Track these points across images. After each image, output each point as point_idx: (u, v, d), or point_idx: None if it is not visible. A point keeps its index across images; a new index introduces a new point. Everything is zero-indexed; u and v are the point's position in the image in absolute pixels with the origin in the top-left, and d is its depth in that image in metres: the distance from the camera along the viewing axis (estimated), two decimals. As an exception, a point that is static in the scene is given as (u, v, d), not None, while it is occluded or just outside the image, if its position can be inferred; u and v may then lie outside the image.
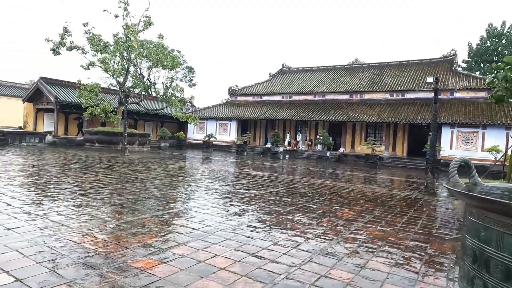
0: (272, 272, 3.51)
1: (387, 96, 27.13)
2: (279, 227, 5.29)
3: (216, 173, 12.37)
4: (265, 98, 33.43)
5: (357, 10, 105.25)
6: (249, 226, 5.27)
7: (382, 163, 22.84)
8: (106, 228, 4.69)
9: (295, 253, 4.13)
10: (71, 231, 4.46)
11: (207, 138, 27.83)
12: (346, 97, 29.02)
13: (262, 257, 3.93)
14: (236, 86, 36.34)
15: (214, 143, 28.55)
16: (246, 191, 8.60)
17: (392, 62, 31.40)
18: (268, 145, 28.31)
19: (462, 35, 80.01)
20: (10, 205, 5.68)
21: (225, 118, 31.74)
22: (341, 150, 26.29)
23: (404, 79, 27.95)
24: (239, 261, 3.77)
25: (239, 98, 35.38)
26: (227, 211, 6.21)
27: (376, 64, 32.28)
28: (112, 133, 22.74)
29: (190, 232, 4.75)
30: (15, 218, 4.93)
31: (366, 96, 28.08)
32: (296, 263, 3.80)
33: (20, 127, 28.86)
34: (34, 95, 26.79)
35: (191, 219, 5.46)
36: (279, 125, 31.63)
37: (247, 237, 4.68)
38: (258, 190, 8.94)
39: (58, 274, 3.16)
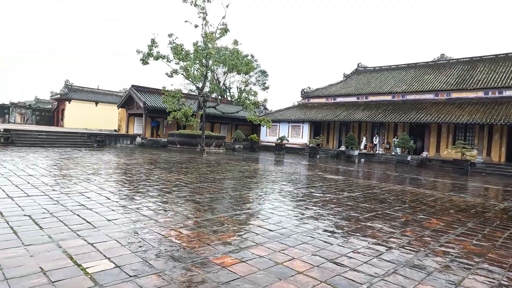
0: (353, 281, 3.35)
1: (480, 94, 24.15)
2: (358, 234, 5.04)
3: (290, 176, 12.36)
4: (339, 99, 32.45)
5: (439, 5, 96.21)
6: (326, 230, 5.12)
7: (474, 169, 20.39)
8: (188, 225, 4.99)
9: (377, 262, 3.89)
10: (159, 225, 4.84)
11: (279, 141, 28.03)
12: (430, 96, 26.63)
13: (341, 264, 3.78)
14: (309, 88, 35.97)
15: (286, 145, 28.62)
16: (321, 195, 8.41)
17: (486, 56, 27.90)
18: (342, 148, 27.39)
19: None
20: (109, 199, 6.41)
21: (297, 120, 31.62)
22: (424, 154, 24.19)
23: (502, 75, 24.61)
24: (318, 266, 3.67)
25: (311, 100, 34.95)
26: (302, 214, 6.14)
27: (467, 59, 29.01)
28: (191, 135, 24.30)
29: (267, 233, 4.79)
30: (113, 210, 5.54)
31: (455, 95, 25.38)
32: (379, 273, 3.57)
33: (115, 130, 32.59)
34: (127, 102, 30.04)
35: (267, 220, 5.52)
36: (354, 128, 30.40)
37: (325, 242, 4.55)
38: (333, 194, 8.67)
39: (149, 264, 3.44)
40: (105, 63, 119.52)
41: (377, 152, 27.13)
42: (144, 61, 23.01)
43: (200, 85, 25.56)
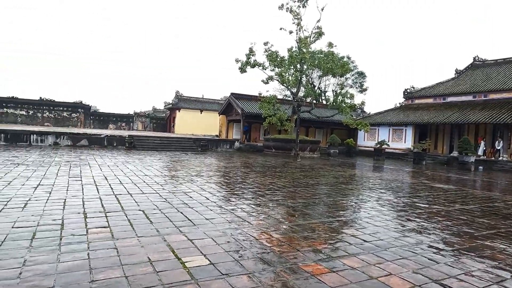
0: (464, 308, 2.88)
1: None
2: (472, 254, 4.33)
3: (389, 183, 11.44)
4: (450, 99, 28.83)
5: None
6: (431, 246, 4.55)
7: None
8: (280, 229, 5.02)
9: (497, 290, 3.27)
10: (251, 227, 4.99)
11: (378, 145, 26.29)
12: None
13: (449, 286, 3.29)
14: (413, 88, 32.91)
15: (386, 150, 26.67)
16: (426, 206, 7.54)
17: None
18: (455, 153, 24.20)
19: None
20: (208, 199, 6.90)
21: (399, 123, 29.20)
22: None
23: None
24: (419, 286, 3.27)
25: (416, 101, 31.89)
26: (402, 226, 5.59)
27: None
28: (286, 140, 24.61)
29: (361, 244, 4.50)
30: (211, 210, 5.93)
31: None
32: (500, 303, 2.99)
33: (216, 136, 35.18)
34: (226, 109, 32.16)
35: (361, 230, 5.19)
36: (469, 130, 26.60)
37: (429, 259, 4.04)
38: (441, 205, 7.69)
39: (241, 264, 3.56)
40: (210, 74, 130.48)
41: (500, 158, 23.15)
42: (242, 70, 24.29)
43: (294, 90, 25.78)
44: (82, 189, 7.12)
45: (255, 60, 24.24)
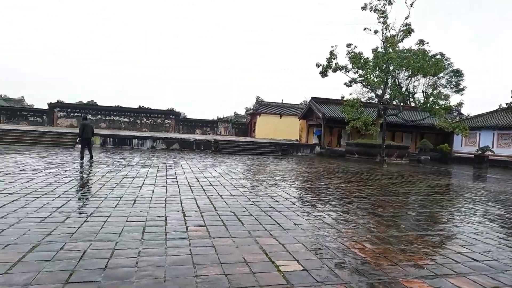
0: None
1: None
2: None
3: (497, 195, 10.02)
4: None
5: None
6: None
7: None
8: (372, 239, 4.77)
9: None
10: (342, 235, 4.84)
11: (480, 152, 23.26)
12: None
13: None
14: (525, 85, 28.36)
15: (490, 157, 23.45)
16: (550, 224, 6.40)
17: None
18: None
19: None
20: (294, 204, 6.92)
21: (507, 127, 25.46)
22: None
23: None
24: (553, 319, 2.78)
25: (529, 101, 27.42)
26: (521, 246, 4.83)
27: None
28: (370, 145, 23.39)
29: (470, 263, 4.01)
30: (298, 215, 5.93)
31: None
32: None
33: (296, 140, 35.17)
34: (307, 113, 31.96)
35: (469, 247, 4.63)
36: None
37: (563, 288, 3.41)
38: None
39: (335, 273, 3.47)
40: (289, 80, 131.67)
41: None
42: (323, 73, 23.88)
43: (379, 92, 24.39)
44: (179, 189, 7.77)
45: (337, 63, 23.62)
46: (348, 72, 23.80)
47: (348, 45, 23.33)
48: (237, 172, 11.83)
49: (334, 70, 23.72)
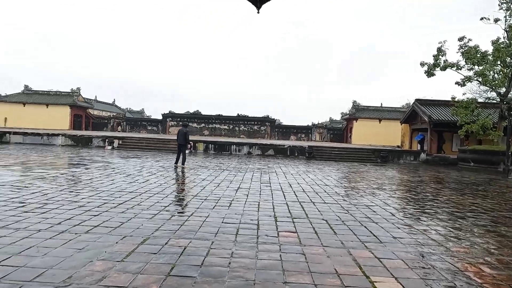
0: None
1: None
2: None
3: None
4: None
5: None
6: None
7: None
8: (492, 262, 4.04)
9: None
10: (451, 255, 4.23)
11: None
12: None
13: None
14: None
15: None
16: None
17: None
18: None
19: None
20: (394, 215, 6.35)
21: None
22: None
23: None
24: None
25: None
26: None
27: None
28: (490, 152, 20.11)
29: None
30: (398, 228, 5.41)
31: None
32: None
33: (397, 146, 32.49)
34: (410, 117, 29.28)
35: None
36: None
37: None
38: None
39: (442, 297, 3.03)
40: (387, 82, 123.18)
41: None
42: (430, 73, 21.60)
43: (502, 90, 20.84)
44: (272, 194, 7.91)
45: (446, 60, 21.09)
46: (461, 69, 21.08)
47: (460, 39, 20.68)
48: (331, 179, 11.47)
49: (443, 68, 21.29)
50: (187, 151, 22.00)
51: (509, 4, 19.34)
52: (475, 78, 20.51)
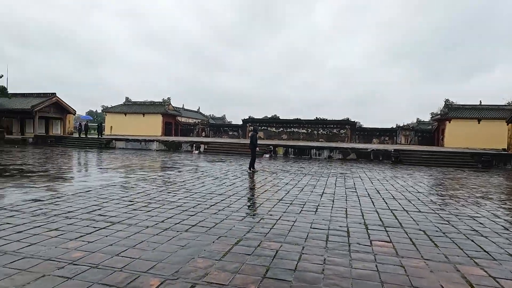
0: None
1: None
2: None
3: None
4: None
5: None
6: None
7: None
8: None
9: None
10: None
11: None
12: None
13: None
14: None
15: None
16: None
17: None
18: None
19: None
20: (507, 230, 5.54)
21: None
22: None
23: None
24: None
25: None
26: None
27: None
28: None
29: None
30: (515, 244, 4.71)
31: None
32: None
33: (503, 149, 28.36)
34: (519, 115, 25.33)
35: None
36: None
37: None
38: None
39: None
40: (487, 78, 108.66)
41: None
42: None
43: None
44: (359, 201, 7.59)
45: None
46: None
47: None
48: (424, 186, 10.54)
49: None
50: (266, 155, 22.41)
51: None
52: None
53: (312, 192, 8.60)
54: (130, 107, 49.63)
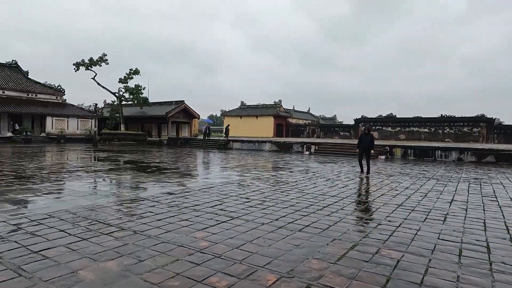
0: None
1: None
2: None
3: None
4: None
5: None
6: None
7: None
8: None
9: None
10: None
11: None
12: None
13: None
14: None
15: None
16: None
17: None
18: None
19: None
20: None
21: None
22: None
23: None
24: None
25: None
26: None
27: None
28: None
29: None
30: None
31: None
32: None
33: None
34: None
35: None
36: None
37: None
38: None
39: None
40: None
41: None
42: None
43: None
44: (501, 211, 6.37)
45: None
46: None
47: None
48: None
49: None
50: (382, 157, 20.99)
51: None
52: None
53: (438, 198, 7.62)
54: (244, 110, 53.08)
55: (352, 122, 49.56)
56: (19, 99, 35.74)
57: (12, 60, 40.32)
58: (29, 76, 40.27)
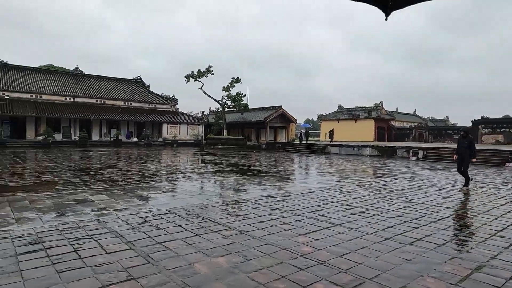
0: None
1: None
2: None
3: None
4: None
5: None
6: None
7: None
8: None
9: None
10: None
11: None
12: None
13: None
14: None
15: None
16: None
17: None
18: None
19: None
20: None
21: None
22: None
23: None
24: None
25: None
26: None
27: None
28: None
29: None
30: None
31: None
32: None
33: None
34: None
35: None
36: None
37: None
38: None
39: None
40: None
41: None
42: None
43: None
44: None
45: None
46: None
47: None
48: None
49: None
50: (510, 164, 17.89)
51: None
52: None
53: None
54: (342, 114, 51.46)
55: (469, 124, 43.43)
56: (142, 109, 41.63)
57: (138, 76, 47.32)
58: (150, 89, 46.64)
